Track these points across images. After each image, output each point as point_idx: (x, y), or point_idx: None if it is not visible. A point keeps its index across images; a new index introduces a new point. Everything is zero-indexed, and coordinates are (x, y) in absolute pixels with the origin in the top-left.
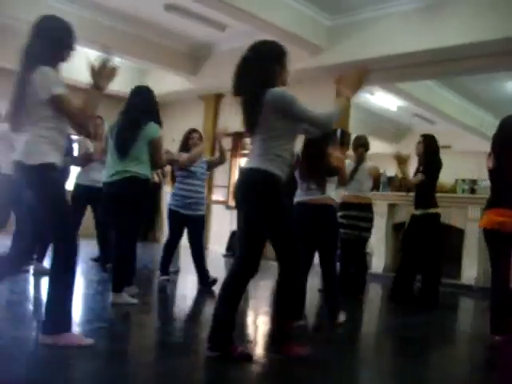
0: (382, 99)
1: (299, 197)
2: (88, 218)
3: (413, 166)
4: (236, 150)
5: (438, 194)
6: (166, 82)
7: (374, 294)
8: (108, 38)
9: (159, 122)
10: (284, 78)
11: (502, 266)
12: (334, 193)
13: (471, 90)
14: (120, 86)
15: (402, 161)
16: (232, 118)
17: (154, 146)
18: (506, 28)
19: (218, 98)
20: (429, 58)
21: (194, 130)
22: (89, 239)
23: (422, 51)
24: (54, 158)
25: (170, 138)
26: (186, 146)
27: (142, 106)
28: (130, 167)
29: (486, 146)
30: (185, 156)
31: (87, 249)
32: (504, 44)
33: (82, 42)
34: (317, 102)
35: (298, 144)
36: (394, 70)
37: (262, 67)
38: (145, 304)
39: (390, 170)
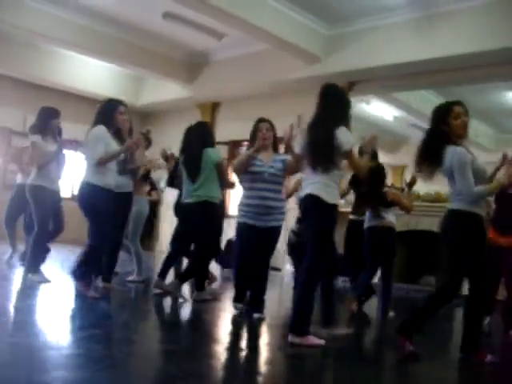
0: (378, 109)
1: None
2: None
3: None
4: (232, 158)
5: (437, 204)
6: (162, 90)
7: None
8: (106, 46)
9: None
10: None
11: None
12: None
13: (467, 100)
14: (117, 93)
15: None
16: (228, 126)
17: (219, 168)
18: (502, 38)
19: (215, 106)
20: (425, 68)
21: (262, 120)
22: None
23: (418, 61)
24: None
25: (166, 145)
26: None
27: (203, 138)
28: (200, 192)
29: (482, 157)
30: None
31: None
32: (500, 54)
33: (80, 51)
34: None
35: None
36: (391, 80)
37: None
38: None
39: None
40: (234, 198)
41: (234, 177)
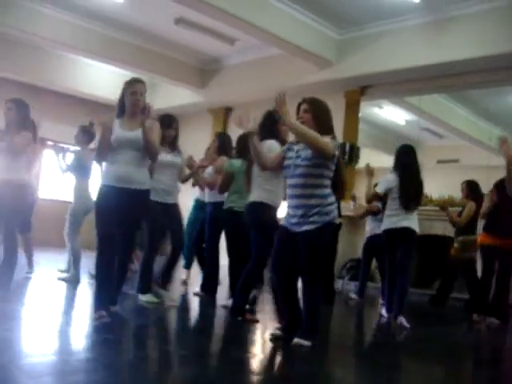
0: (390, 113)
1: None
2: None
3: None
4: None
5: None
6: (175, 96)
7: None
8: (119, 52)
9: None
10: None
11: None
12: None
13: (480, 104)
14: None
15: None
16: (241, 131)
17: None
18: None
19: (227, 111)
20: (437, 72)
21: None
22: None
23: (430, 65)
24: None
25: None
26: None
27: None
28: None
29: (495, 160)
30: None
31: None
32: None
33: (93, 57)
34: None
35: None
36: (403, 84)
37: None
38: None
39: None
40: None
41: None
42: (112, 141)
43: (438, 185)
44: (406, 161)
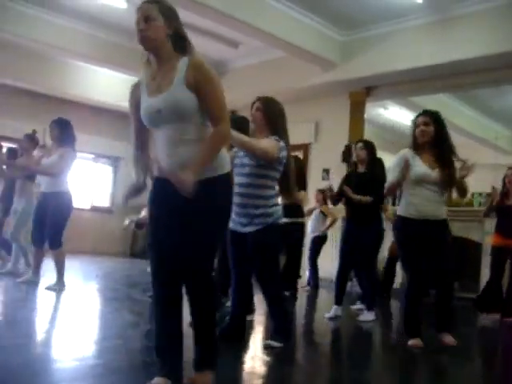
0: (395, 113)
1: None
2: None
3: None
4: None
5: (454, 208)
6: None
7: None
8: (122, 57)
9: None
10: None
11: None
12: None
13: (486, 103)
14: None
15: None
16: None
17: None
18: None
19: (233, 114)
20: (442, 72)
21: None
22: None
23: (434, 65)
24: None
25: None
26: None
27: None
28: None
29: (502, 159)
30: None
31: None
32: None
33: (95, 62)
34: (331, 116)
35: None
36: (407, 84)
37: None
38: None
39: None
40: None
41: None
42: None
43: None
44: None
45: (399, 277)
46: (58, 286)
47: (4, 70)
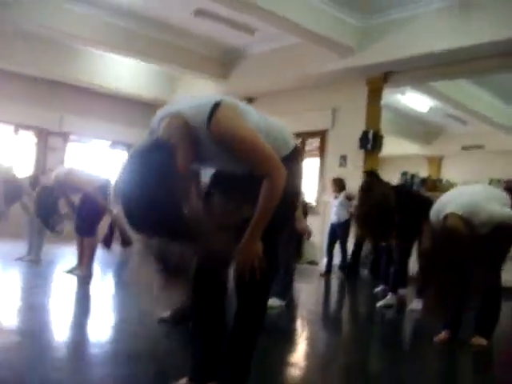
0: (413, 99)
1: None
2: None
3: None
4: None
5: None
6: (197, 88)
7: None
8: (139, 44)
9: None
10: None
11: None
12: None
13: (506, 89)
14: (152, 92)
15: None
16: None
17: None
18: None
19: (249, 101)
20: (461, 56)
21: None
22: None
23: (454, 49)
24: None
25: None
26: None
27: None
28: None
29: None
30: None
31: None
32: None
33: (114, 50)
34: (348, 102)
35: None
36: (426, 70)
37: None
38: None
39: (424, 171)
40: None
41: None
42: None
43: (463, 171)
44: None
45: None
46: (84, 273)
47: (21, 59)
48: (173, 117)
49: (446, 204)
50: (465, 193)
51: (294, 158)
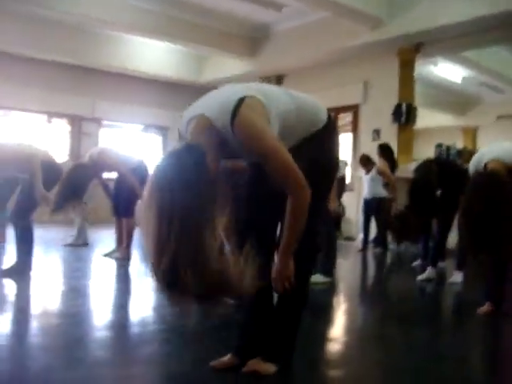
0: (446, 70)
1: None
2: None
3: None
4: None
5: None
6: (225, 67)
7: None
8: (165, 26)
9: None
10: None
11: None
12: None
13: None
14: (181, 73)
15: None
16: None
17: None
18: None
19: (279, 78)
20: (496, 23)
21: None
22: None
23: (488, 15)
24: None
25: None
26: None
27: None
28: None
29: None
30: None
31: None
32: None
33: (141, 33)
34: (380, 75)
35: None
36: (458, 39)
37: None
38: None
39: (459, 142)
40: None
41: None
42: None
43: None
44: None
45: None
46: (123, 255)
47: (50, 47)
48: (198, 119)
49: (485, 153)
50: (506, 144)
51: (328, 130)
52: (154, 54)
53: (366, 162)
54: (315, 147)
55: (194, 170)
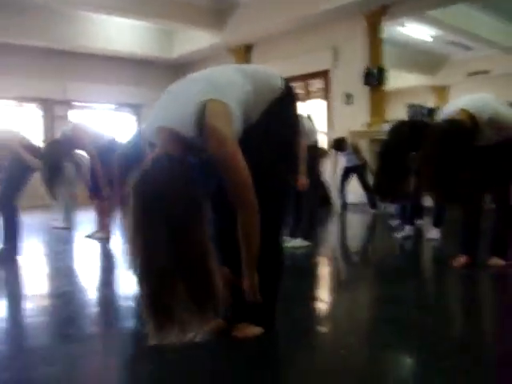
0: (413, 30)
1: None
2: None
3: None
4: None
5: None
6: (194, 40)
7: None
8: (132, 2)
9: None
10: None
11: None
12: None
13: (508, 9)
14: (147, 48)
15: None
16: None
17: None
18: None
19: (248, 48)
20: None
21: None
22: None
23: None
24: None
25: None
26: None
27: None
28: None
29: None
30: None
31: None
32: None
33: (108, 11)
34: (349, 40)
35: None
36: None
37: None
38: None
39: (430, 102)
40: None
41: None
42: None
43: None
44: None
45: None
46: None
47: (17, 30)
48: (163, 130)
49: (451, 104)
50: (475, 95)
51: (283, 100)
52: (122, 32)
53: (338, 146)
54: (273, 119)
55: (176, 179)
